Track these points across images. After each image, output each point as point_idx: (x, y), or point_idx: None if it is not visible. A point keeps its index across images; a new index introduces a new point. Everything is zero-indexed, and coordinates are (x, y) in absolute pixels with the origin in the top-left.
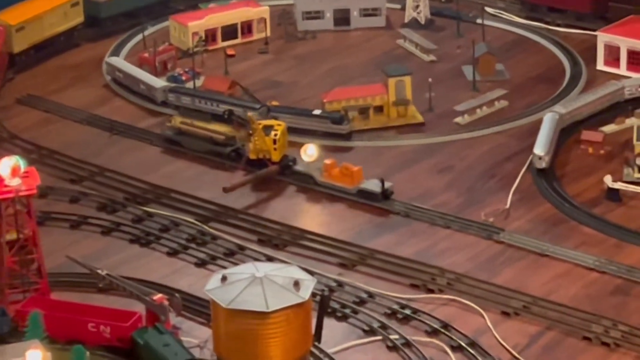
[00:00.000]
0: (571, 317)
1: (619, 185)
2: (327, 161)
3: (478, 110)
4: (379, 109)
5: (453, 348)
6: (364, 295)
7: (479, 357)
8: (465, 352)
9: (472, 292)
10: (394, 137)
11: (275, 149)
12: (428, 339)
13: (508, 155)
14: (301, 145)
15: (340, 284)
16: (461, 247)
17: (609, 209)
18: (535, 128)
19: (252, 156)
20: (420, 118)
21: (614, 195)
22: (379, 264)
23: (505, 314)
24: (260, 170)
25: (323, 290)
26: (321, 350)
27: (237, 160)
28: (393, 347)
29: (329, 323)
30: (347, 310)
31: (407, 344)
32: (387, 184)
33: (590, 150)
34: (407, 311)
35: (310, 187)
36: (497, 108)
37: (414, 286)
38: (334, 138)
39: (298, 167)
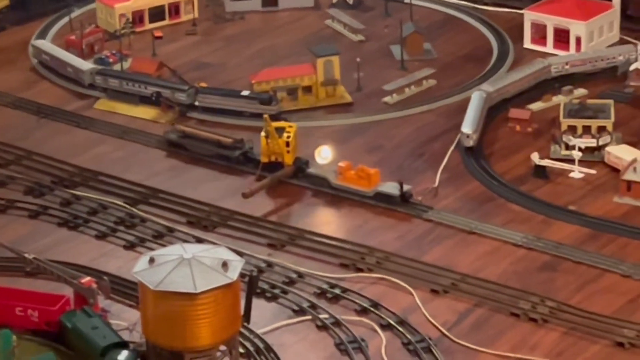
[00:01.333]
0: (499, 293)
1: (546, 162)
2: (342, 163)
3: (406, 90)
4: (308, 89)
5: (382, 326)
6: (294, 276)
7: (408, 335)
8: (394, 330)
9: (401, 271)
10: (322, 117)
11: (288, 152)
12: (357, 318)
13: (436, 134)
14: (234, 128)
15: (270, 265)
16: (390, 226)
17: (536, 186)
18: (463, 106)
19: (264, 159)
20: (348, 98)
21: (541, 172)
22: (308, 244)
23: (434, 291)
24: (276, 172)
25: (252, 271)
26: (251, 331)
27: (245, 163)
28: (323, 327)
29: (258, 303)
30: (277, 291)
31: (337, 323)
32: (405, 187)
33: (518, 128)
34: (337, 290)
35: (325, 190)
36: (425, 87)
37: (343, 265)
38: (263, 119)
39: (312, 170)
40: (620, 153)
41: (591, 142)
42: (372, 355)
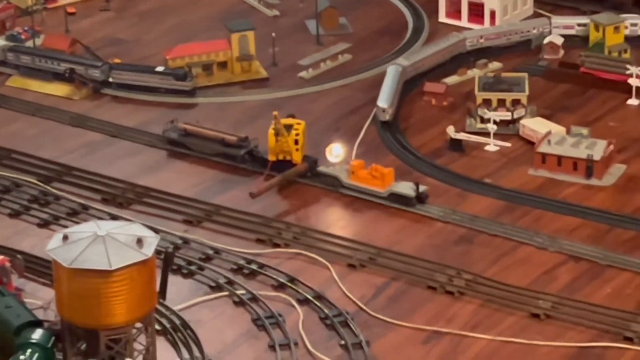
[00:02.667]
0: (416, 267)
1: (461, 135)
2: (354, 162)
3: (322, 64)
4: (223, 65)
5: (300, 301)
6: (210, 252)
7: (325, 310)
8: (311, 305)
9: (318, 246)
10: (238, 93)
11: (297, 150)
12: (275, 293)
13: (352, 108)
14: (149, 104)
15: (186, 241)
16: (307, 200)
17: (452, 159)
18: (378, 81)
19: (272, 158)
20: (264, 73)
21: (456, 145)
22: (225, 220)
23: (351, 266)
24: (287, 170)
25: (167, 248)
26: (167, 308)
27: (251, 162)
28: (240, 302)
29: (174, 280)
30: (193, 267)
31: (254, 298)
32: (421, 187)
33: (434, 101)
34: (254, 266)
35: (336, 190)
36: (341, 62)
37: (260, 241)
38: (177, 95)
39: (322, 169)
40: (534, 126)
41: (506, 115)
42: (289, 330)
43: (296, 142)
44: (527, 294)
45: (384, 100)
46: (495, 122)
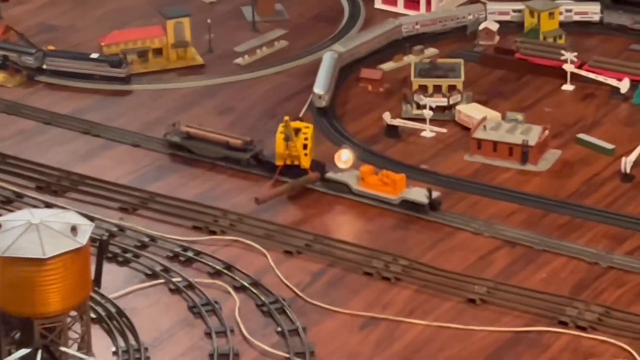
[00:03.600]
0: (353, 253)
1: (397, 122)
2: (364, 168)
3: (258, 51)
4: (158, 52)
5: (236, 288)
6: (146, 239)
7: (261, 297)
8: (248, 292)
9: (254, 233)
10: (174, 80)
11: (305, 154)
12: (211, 281)
13: (289, 95)
14: (83, 91)
15: (121, 229)
16: (243, 188)
17: (388, 145)
18: (315, 67)
19: (279, 162)
20: (200, 60)
21: (393, 132)
22: (161, 207)
23: (288, 253)
24: (297, 178)
25: (102, 235)
26: (102, 296)
27: (257, 166)
28: (176, 290)
29: (110, 268)
30: (129, 255)
31: (190, 286)
32: (434, 194)
33: (370, 88)
34: (190, 253)
35: (346, 196)
36: (277, 48)
37: (196, 228)
38: (112, 82)
39: (330, 175)
40: (470, 112)
41: (442, 101)
42: (225, 318)
43: (305, 146)
44: (463, 279)
45: (320, 86)
46: (431, 108)
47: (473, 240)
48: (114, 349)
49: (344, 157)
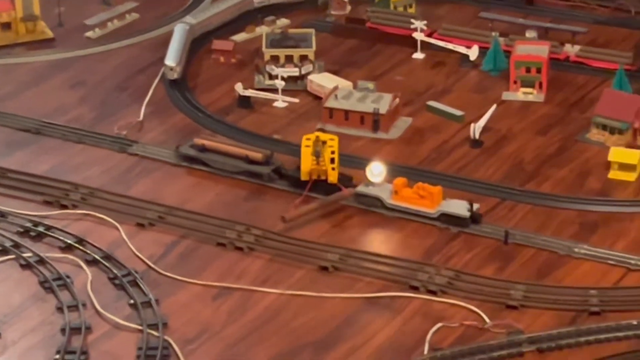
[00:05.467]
0: (206, 224)
1: (250, 92)
2: (397, 181)
3: (109, 24)
4: (7, 26)
5: (88, 262)
6: None
7: (114, 270)
8: (100, 266)
9: (106, 206)
10: (23, 54)
11: (333, 169)
12: (62, 255)
13: (140, 67)
14: None
15: None
16: (95, 161)
17: (241, 116)
18: (167, 40)
19: (304, 177)
20: (49, 33)
21: (245, 102)
22: (10, 182)
23: (140, 225)
24: (329, 195)
25: None
26: None
27: (278, 180)
28: (27, 265)
29: None
30: None
31: (41, 261)
32: (475, 206)
33: (222, 59)
34: (41, 228)
35: (379, 211)
36: (129, 21)
37: (47, 203)
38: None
39: (361, 189)
40: (322, 81)
41: (294, 72)
42: (77, 292)
43: (332, 160)
44: (316, 247)
45: (172, 58)
46: (283, 79)
47: (325, 208)
48: None
49: (376, 170)
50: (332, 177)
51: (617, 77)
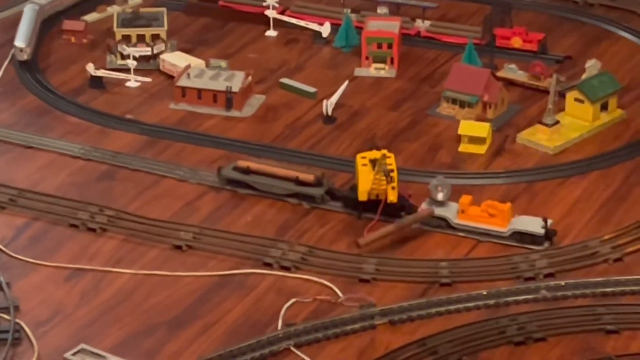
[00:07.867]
0: (58, 206)
1: (101, 72)
2: (463, 199)
3: None
4: None
5: None
6: None
7: None
8: None
9: None
10: None
11: (393, 188)
12: None
13: None
14: None
15: None
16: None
17: (93, 96)
18: (16, 21)
19: (363, 198)
20: None
21: (97, 83)
22: None
23: None
24: (404, 218)
25: None
26: None
27: (329, 202)
28: None
29: None
30: None
31: None
32: (549, 221)
33: (73, 39)
34: None
35: (445, 232)
36: None
37: None
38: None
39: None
40: (174, 60)
41: (146, 51)
42: None
43: (391, 179)
44: (169, 226)
45: (21, 39)
46: (135, 58)
47: (178, 187)
48: None
49: (443, 188)
50: (392, 196)
51: (467, 51)
